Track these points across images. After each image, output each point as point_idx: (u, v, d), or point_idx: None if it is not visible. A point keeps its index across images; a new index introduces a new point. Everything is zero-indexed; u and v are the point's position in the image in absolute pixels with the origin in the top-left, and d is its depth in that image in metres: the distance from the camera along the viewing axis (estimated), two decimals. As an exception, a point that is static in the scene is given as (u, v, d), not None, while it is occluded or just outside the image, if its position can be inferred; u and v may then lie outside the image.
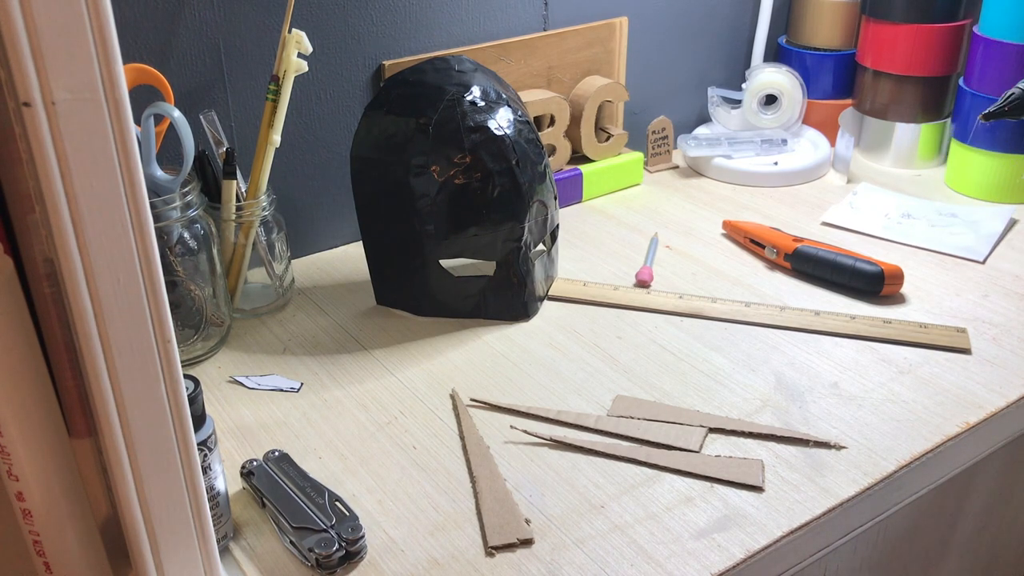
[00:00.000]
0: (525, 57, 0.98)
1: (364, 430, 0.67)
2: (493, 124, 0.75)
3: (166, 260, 0.71)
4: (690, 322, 0.79)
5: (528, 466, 0.63)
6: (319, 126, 0.88)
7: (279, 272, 0.82)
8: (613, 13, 1.03)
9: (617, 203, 1.02)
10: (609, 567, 0.54)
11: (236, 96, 0.83)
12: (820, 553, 0.61)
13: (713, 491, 0.60)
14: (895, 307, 0.81)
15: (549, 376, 0.72)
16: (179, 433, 0.42)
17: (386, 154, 0.76)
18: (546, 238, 0.84)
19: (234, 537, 0.58)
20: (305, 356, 0.76)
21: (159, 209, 0.69)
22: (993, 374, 0.72)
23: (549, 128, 0.99)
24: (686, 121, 1.17)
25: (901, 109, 1.05)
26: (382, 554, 0.56)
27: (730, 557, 0.55)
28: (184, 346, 0.74)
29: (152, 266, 0.39)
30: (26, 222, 0.38)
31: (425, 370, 0.74)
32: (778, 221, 0.96)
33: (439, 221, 0.76)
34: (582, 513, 0.59)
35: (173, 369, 0.41)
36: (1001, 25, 0.96)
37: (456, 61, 0.79)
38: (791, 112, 1.10)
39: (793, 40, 1.16)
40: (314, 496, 0.58)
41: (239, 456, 0.64)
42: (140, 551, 0.43)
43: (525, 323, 0.80)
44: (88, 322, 0.38)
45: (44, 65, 0.33)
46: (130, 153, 0.36)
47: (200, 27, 0.79)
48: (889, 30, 1.02)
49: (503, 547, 0.56)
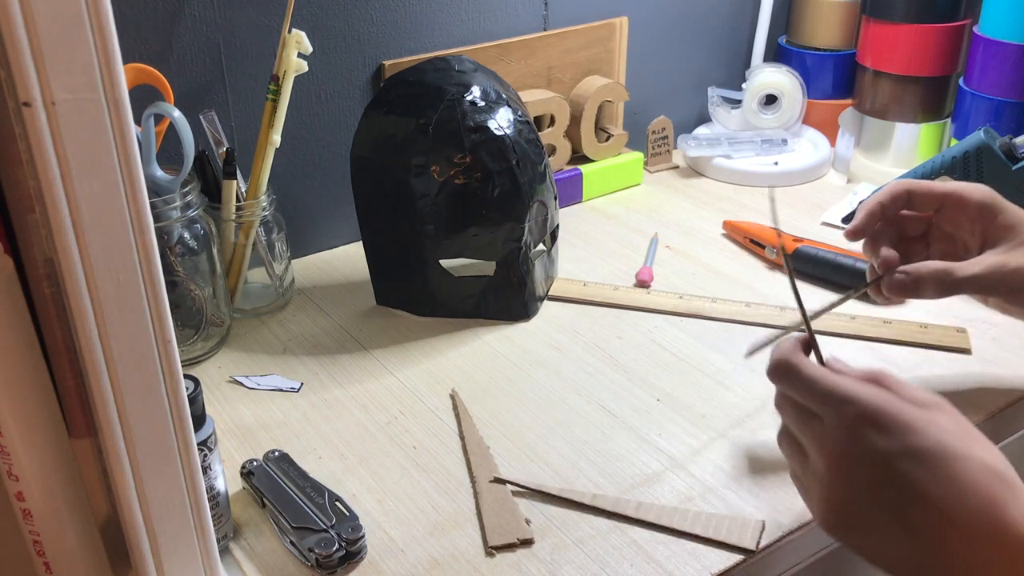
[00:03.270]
0: (525, 57, 0.98)
1: (364, 430, 0.67)
2: (493, 124, 0.75)
3: (166, 260, 0.71)
4: (690, 322, 0.79)
5: (528, 466, 0.63)
6: (319, 126, 0.88)
7: (279, 272, 0.82)
8: (613, 13, 1.03)
9: (617, 203, 1.02)
10: (609, 567, 0.54)
11: (236, 96, 0.83)
12: (821, 553, 0.61)
13: (714, 492, 0.60)
14: (895, 307, 0.81)
15: (549, 376, 0.72)
16: (179, 433, 0.42)
17: (386, 154, 0.76)
18: (546, 238, 0.84)
19: (234, 537, 0.58)
20: (305, 356, 0.76)
21: (159, 209, 0.69)
22: (993, 374, 0.72)
23: (549, 128, 0.99)
24: (686, 121, 1.17)
25: (901, 109, 1.05)
26: (382, 554, 0.56)
27: (730, 557, 0.55)
28: (184, 346, 0.74)
29: (152, 266, 0.39)
30: (26, 222, 0.38)
31: (425, 370, 0.74)
32: (778, 221, 0.96)
33: (439, 221, 0.76)
34: (582, 513, 0.59)
35: (173, 369, 0.41)
36: (1001, 25, 0.96)
37: (456, 61, 0.79)
38: (791, 112, 1.10)
39: (793, 40, 1.16)
40: (314, 496, 0.58)
41: (239, 456, 0.64)
42: (140, 551, 0.43)
43: (525, 323, 0.80)
44: (88, 322, 0.38)
45: (44, 65, 0.33)
46: (130, 153, 0.36)
47: (200, 27, 0.79)
48: (889, 30, 1.02)
49: (503, 547, 0.56)
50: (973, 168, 0.79)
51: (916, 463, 0.46)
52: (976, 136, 0.79)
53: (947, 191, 0.64)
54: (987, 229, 0.63)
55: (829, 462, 0.48)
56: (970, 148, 0.79)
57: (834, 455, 0.48)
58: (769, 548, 0.56)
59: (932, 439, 0.46)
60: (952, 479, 0.45)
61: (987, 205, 0.63)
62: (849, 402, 0.47)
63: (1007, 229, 0.62)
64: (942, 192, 0.64)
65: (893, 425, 0.46)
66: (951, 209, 0.64)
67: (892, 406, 0.47)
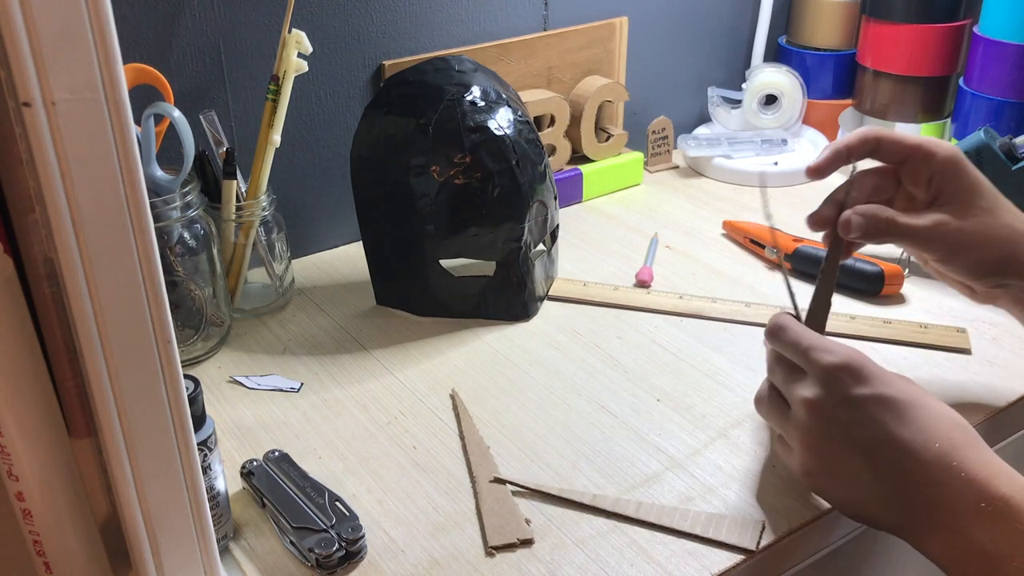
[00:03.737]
0: (525, 57, 0.98)
1: (364, 430, 0.67)
2: (493, 124, 0.75)
3: (166, 260, 0.71)
4: (690, 322, 0.79)
5: (528, 466, 0.63)
6: (319, 126, 0.88)
7: (279, 272, 0.82)
8: (613, 13, 1.03)
9: (617, 203, 1.02)
10: (609, 567, 0.54)
11: (236, 96, 0.83)
12: (821, 552, 0.61)
13: (714, 492, 0.60)
14: (895, 307, 0.81)
15: (549, 376, 0.72)
16: (179, 433, 0.42)
17: (386, 154, 0.76)
18: (546, 238, 0.84)
19: (234, 537, 0.58)
20: (305, 356, 0.76)
21: (159, 209, 0.69)
22: (993, 374, 0.72)
23: (549, 128, 0.99)
24: (686, 121, 1.17)
25: (901, 109, 1.05)
26: (382, 554, 0.56)
27: (730, 557, 0.55)
28: (184, 346, 0.74)
29: (152, 266, 0.39)
30: (26, 222, 0.38)
31: (425, 370, 0.74)
32: (778, 221, 0.96)
33: (439, 221, 0.76)
34: (582, 513, 0.59)
35: (173, 369, 0.41)
36: (1001, 25, 0.96)
37: (456, 61, 0.79)
38: (791, 112, 1.10)
39: (793, 40, 1.16)
40: (314, 496, 0.58)
41: (239, 456, 0.64)
42: (140, 551, 0.43)
43: (525, 323, 0.80)
44: (88, 322, 0.38)
45: (44, 65, 0.33)
46: (130, 153, 0.36)
47: (200, 27, 0.79)
48: (889, 30, 1.02)
49: (503, 547, 0.56)
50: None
51: (885, 408, 0.52)
52: (976, 136, 0.79)
53: (916, 143, 0.63)
54: (944, 187, 0.62)
55: (809, 408, 0.53)
56: (970, 148, 0.79)
57: (814, 400, 0.53)
58: (769, 548, 0.56)
59: (901, 390, 0.53)
60: (918, 423, 0.51)
61: (951, 162, 0.62)
62: (831, 352, 0.54)
63: (964, 190, 0.62)
64: (911, 144, 0.63)
65: (868, 376, 0.53)
66: (916, 162, 0.63)
67: (868, 362, 0.54)
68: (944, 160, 0.62)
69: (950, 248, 0.62)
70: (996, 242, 0.62)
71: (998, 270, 0.62)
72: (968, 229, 0.61)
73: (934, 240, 0.62)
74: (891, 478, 0.51)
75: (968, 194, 0.62)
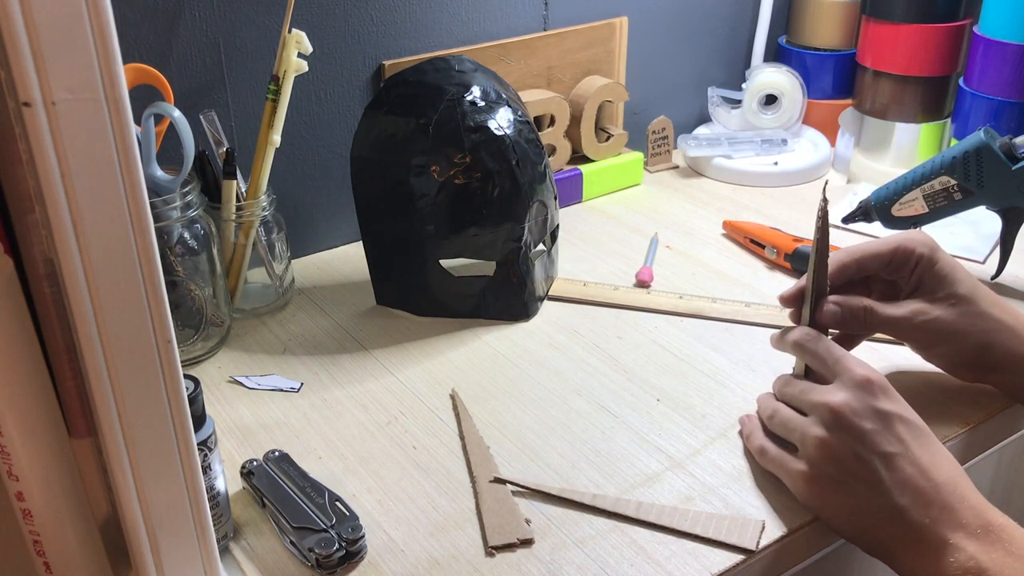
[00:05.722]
0: (525, 57, 0.98)
1: (364, 430, 0.67)
2: (493, 124, 0.75)
3: (166, 260, 0.71)
4: (690, 322, 0.79)
5: (528, 466, 0.63)
6: (319, 126, 0.88)
7: (279, 272, 0.82)
8: (613, 13, 1.03)
9: (617, 203, 1.02)
10: (609, 567, 0.54)
11: (236, 96, 0.83)
12: (821, 552, 0.61)
13: (714, 492, 0.60)
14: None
15: (549, 376, 0.72)
16: (179, 433, 0.42)
17: (386, 154, 0.76)
18: (546, 238, 0.84)
19: (234, 537, 0.58)
20: (305, 356, 0.76)
21: (159, 209, 0.69)
22: (993, 374, 0.71)
23: (549, 128, 0.99)
24: (686, 121, 1.17)
25: (901, 109, 1.05)
26: (382, 554, 0.56)
27: (730, 557, 0.55)
28: (184, 346, 0.74)
29: (152, 266, 0.39)
30: (26, 222, 0.38)
31: (425, 370, 0.74)
32: (778, 221, 0.96)
33: (439, 221, 0.76)
34: (582, 513, 0.59)
35: (173, 369, 0.41)
36: (1001, 25, 0.96)
37: (456, 61, 0.79)
38: (791, 112, 1.10)
39: (793, 40, 1.16)
40: (314, 496, 0.58)
41: (239, 456, 0.64)
42: (140, 551, 0.44)
43: (525, 323, 0.80)
44: (88, 322, 0.38)
45: (44, 65, 0.33)
46: (130, 153, 0.36)
47: (200, 27, 0.79)
48: (889, 30, 1.02)
49: (503, 547, 0.56)
50: (973, 168, 0.79)
51: (908, 427, 0.55)
52: (976, 136, 0.79)
53: (892, 248, 0.64)
54: (924, 276, 0.64)
55: (834, 413, 0.55)
56: (970, 148, 0.79)
57: (842, 405, 0.55)
58: (769, 548, 0.56)
59: (918, 417, 0.56)
60: (931, 448, 0.55)
61: (927, 254, 0.63)
62: (862, 364, 0.56)
63: (938, 279, 0.63)
64: (887, 251, 0.64)
65: (893, 395, 0.56)
66: (897, 263, 0.64)
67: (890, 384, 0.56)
68: (921, 253, 0.63)
69: (929, 338, 0.64)
70: (974, 331, 0.63)
71: (978, 359, 0.64)
72: (946, 318, 0.63)
73: (913, 329, 0.64)
74: (905, 492, 0.53)
75: (946, 283, 0.63)
